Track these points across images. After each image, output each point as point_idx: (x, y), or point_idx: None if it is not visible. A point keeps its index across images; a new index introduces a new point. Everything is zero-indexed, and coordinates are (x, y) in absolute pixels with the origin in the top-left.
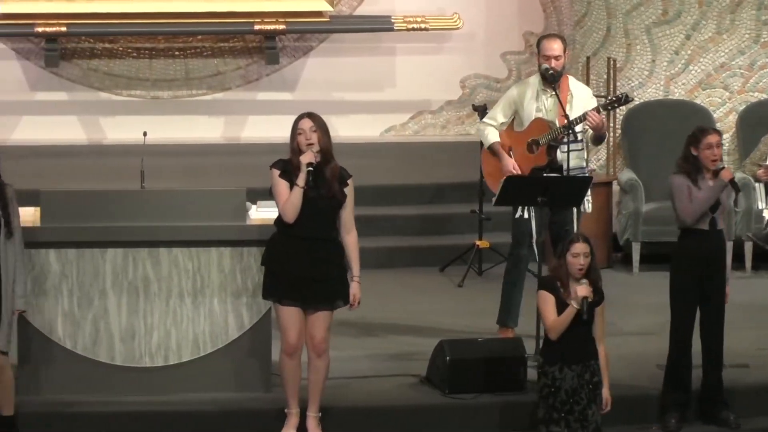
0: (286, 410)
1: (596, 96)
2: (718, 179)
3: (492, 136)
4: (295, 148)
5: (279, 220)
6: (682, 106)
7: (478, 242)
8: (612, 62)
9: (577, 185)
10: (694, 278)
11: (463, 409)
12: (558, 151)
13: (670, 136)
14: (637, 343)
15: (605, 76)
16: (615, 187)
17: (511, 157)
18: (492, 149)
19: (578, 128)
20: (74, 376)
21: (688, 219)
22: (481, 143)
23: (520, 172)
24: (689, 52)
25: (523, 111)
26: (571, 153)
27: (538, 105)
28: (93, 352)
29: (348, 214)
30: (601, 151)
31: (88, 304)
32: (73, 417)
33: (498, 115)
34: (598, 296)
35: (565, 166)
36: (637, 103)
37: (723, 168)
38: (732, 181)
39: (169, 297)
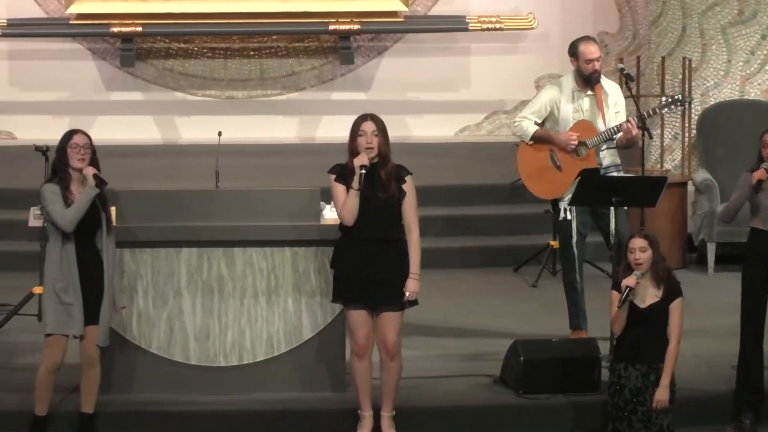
0: (359, 412)
1: (667, 95)
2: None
3: (532, 127)
4: (354, 149)
5: (341, 224)
6: (758, 106)
7: (552, 242)
8: (687, 62)
9: (652, 185)
10: (762, 277)
11: (536, 410)
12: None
13: (745, 136)
14: (711, 343)
15: (680, 76)
16: (690, 187)
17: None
18: (537, 137)
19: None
20: (149, 376)
21: (722, 216)
22: (515, 145)
23: (578, 140)
24: (765, 51)
25: (559, 112)
26: (607, 151)
27: (575, 106)
28: (168, 351)
29: (409, 212)
30: (676, 152)
31: (162, 303)
32: (146, 416)
33: (534, 115)
34: (668, 294)
35: (604, 163)
36: (712, 103)
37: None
38: (758, 182)
39: (243, 296)
